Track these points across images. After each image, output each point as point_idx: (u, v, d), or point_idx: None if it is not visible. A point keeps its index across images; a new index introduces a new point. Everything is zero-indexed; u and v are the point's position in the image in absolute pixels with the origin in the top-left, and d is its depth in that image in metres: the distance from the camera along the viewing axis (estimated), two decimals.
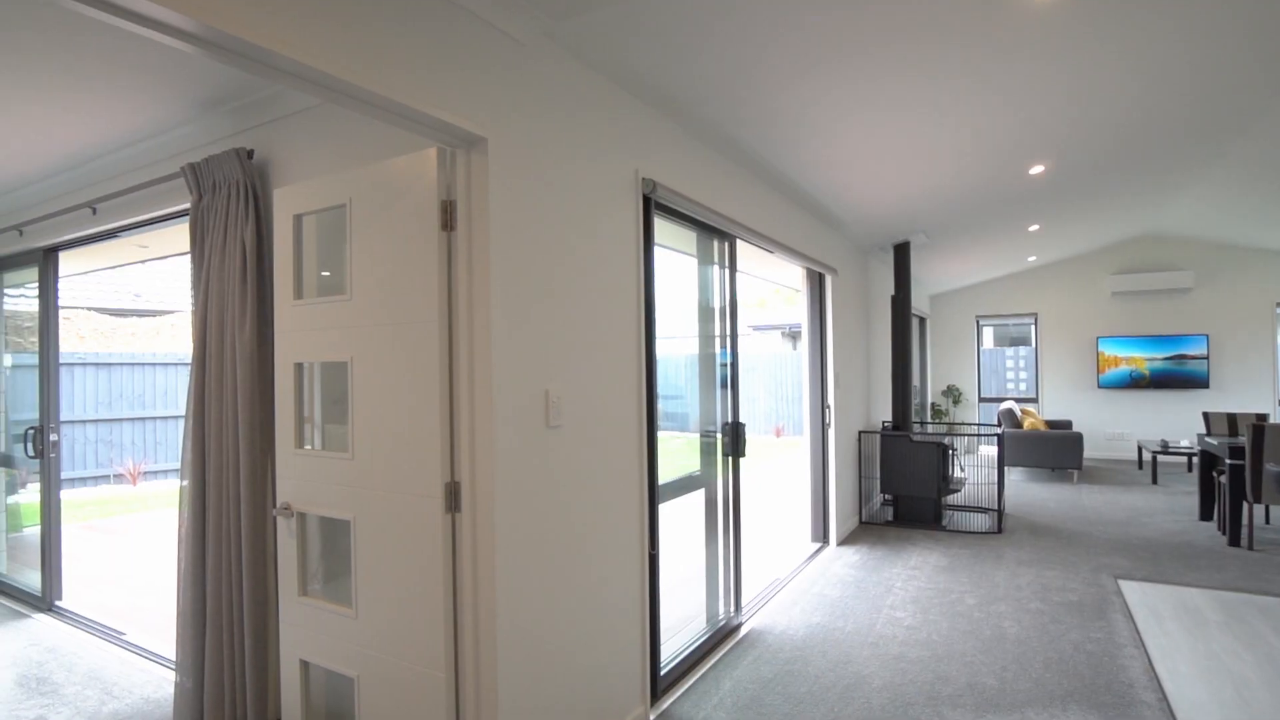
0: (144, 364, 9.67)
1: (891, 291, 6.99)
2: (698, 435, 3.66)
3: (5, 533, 4.98)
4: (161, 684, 3.22)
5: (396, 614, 2.21)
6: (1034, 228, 6.73)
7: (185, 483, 2.78)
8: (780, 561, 4.94)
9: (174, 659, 3.37)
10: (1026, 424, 8.23)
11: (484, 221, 2.07)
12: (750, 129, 3.29)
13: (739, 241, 3.83)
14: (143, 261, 4.97)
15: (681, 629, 3.51)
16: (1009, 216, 5.89)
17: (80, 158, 3.52)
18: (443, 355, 2.09)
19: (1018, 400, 10.05)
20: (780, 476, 9.42)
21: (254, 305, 2.65)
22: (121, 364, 9.50)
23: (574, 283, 2.44)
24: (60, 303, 4.46)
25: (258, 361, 2.64)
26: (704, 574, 3.69)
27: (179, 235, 3.86)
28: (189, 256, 2.94)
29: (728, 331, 3.73)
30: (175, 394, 9.86)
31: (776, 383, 14.39)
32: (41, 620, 4.08)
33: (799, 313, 5.64)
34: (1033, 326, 10.38)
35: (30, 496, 4.88)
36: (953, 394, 10.59)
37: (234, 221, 2.71)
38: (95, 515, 7.35)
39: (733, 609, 3.75)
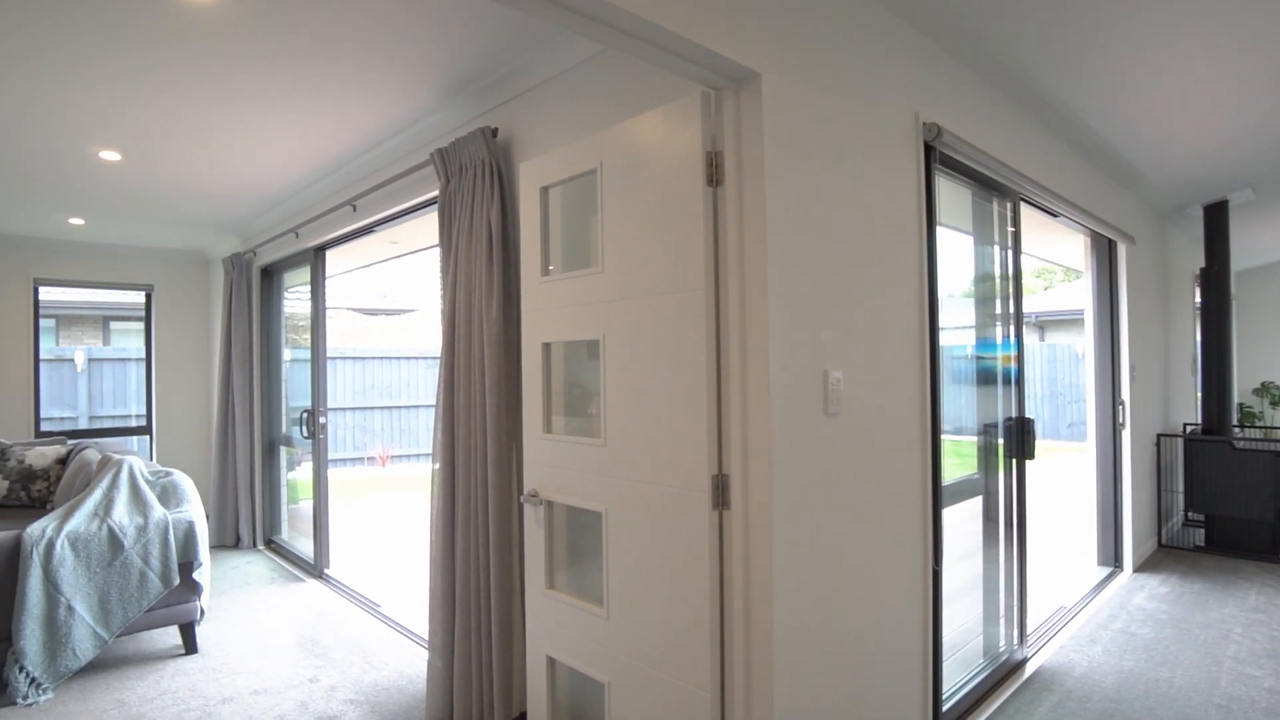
0: (391, 358, 10.76)
1: (1194, 264, 5.73)
2: (973, 434, 3.09)
3: (286, 504, 5.62)
4: (413, 659, 3.31)
5: (654, 619, 1.96)
6: None
7: (436, 466, 2.79)
8: (1063, 586, 4.15)
9: (424, 637, 3.48)
10: None
11: (758, 172, 1.75)
12: (1039, 56, 2.67)
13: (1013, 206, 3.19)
14: (393, 258, 5.34)
15: (949, 657, 2.96)
16: None
17: (342, 159, 3.76)
18: (709, 328, 1.81)
19: None
20: (1038, 485, 8.20)
21: (500, 285, 2.56)
22: (372, 358, 10.62)
23: (849, 246, 2.05)
24: (326, 302, 4.89)
25: (504, 343, 2.56)
26: (980, 595, 3.11)
27: (424, 229, 4.01)
28: (438, 248, 2.96)
29: (1010, 313, 3.12)
30: (417, 385, 10.86)
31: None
32: (313, 586, 4.47)
33: (1043, 300, 4.73)
34: None
35: (303, 474, 5.46)
36: (1270, 392, 8.59)
37: (480, 202, 2.65)
38: (351, 494, 8.21)
39: (1015, 640, 3.12)
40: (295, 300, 5.57)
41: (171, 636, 3.58)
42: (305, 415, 4.76)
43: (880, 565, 2.14)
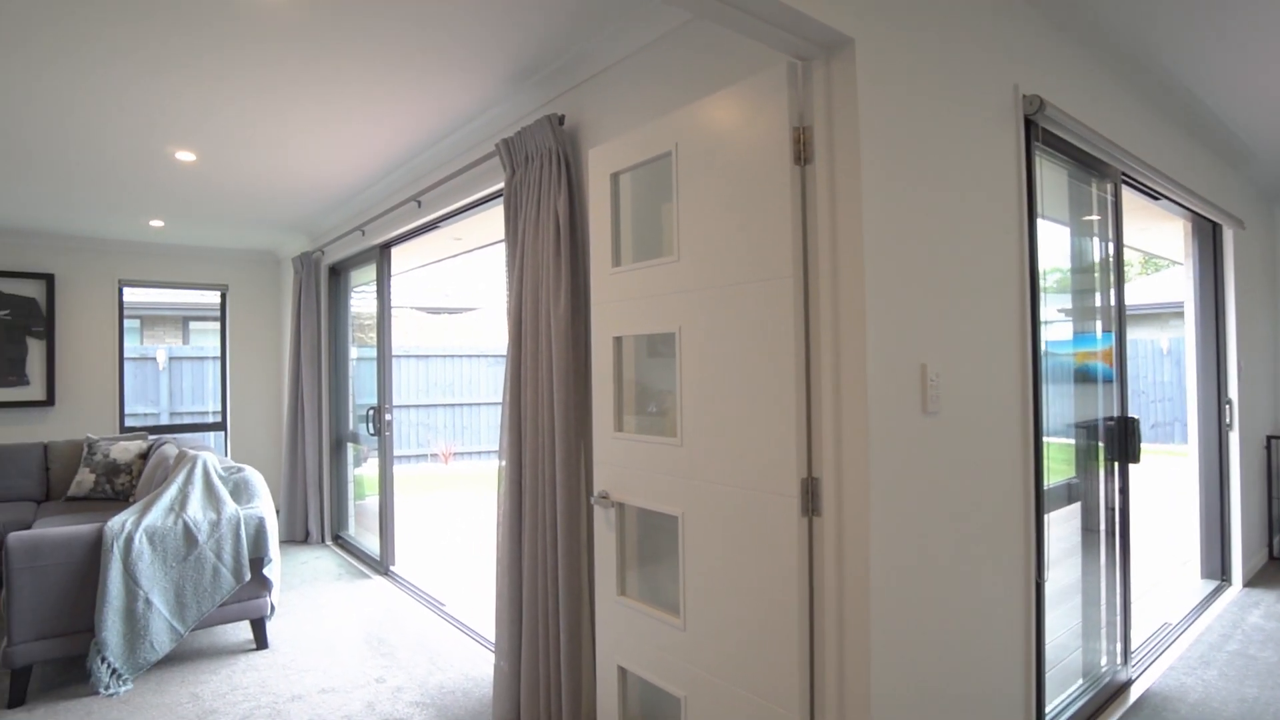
0: (454, 356, 10.90)
1: None
2: (1070, 434, 2.86)
3: (353, 500, 5.70)
4: (479, 661, 3.27)
5: (736, 632, 1.84)
6: None
7: (503, 464, 2.72)
8: (1164, 600, 3.84)
9: (489, 638, 3.43)
10: None
11: (852, 148, 1.61)
12: (1145, 19, 2.43)
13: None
14: (457, 255, 5.34)
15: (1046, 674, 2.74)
16: None
17: (407, 154, 3.74)
18: (797, 319, 1.67)
19: None
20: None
21: (568, 278, 2.48)
22: (435, 356, 10.78)
23: (945, 228, 1.88)
24: (391, 299, 4.91)
25: (572, 338, 2.47)
26: (1074, 607, 2.87)
27: (488, 224, 3.98)
28: (501, 243, 2.91)
29: (1110, 305, 2.87)
30: (479, 382, 11.00)
31: None
32: (379, 583, 4.50)
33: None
34: None
35: (368, 470, 5.52)
36: None
37: (547, 191, 2.57)
38: (415, 490, 8.31)
39: (1118, 659, 2.88)
40: (360, 298, 5.65)
41: (243, 631, 3.63)
42: (371, 412, 4.79)
43: (980, 578, 1.97)
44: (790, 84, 1.67)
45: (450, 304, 12.37)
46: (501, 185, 3.04)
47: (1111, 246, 2.90)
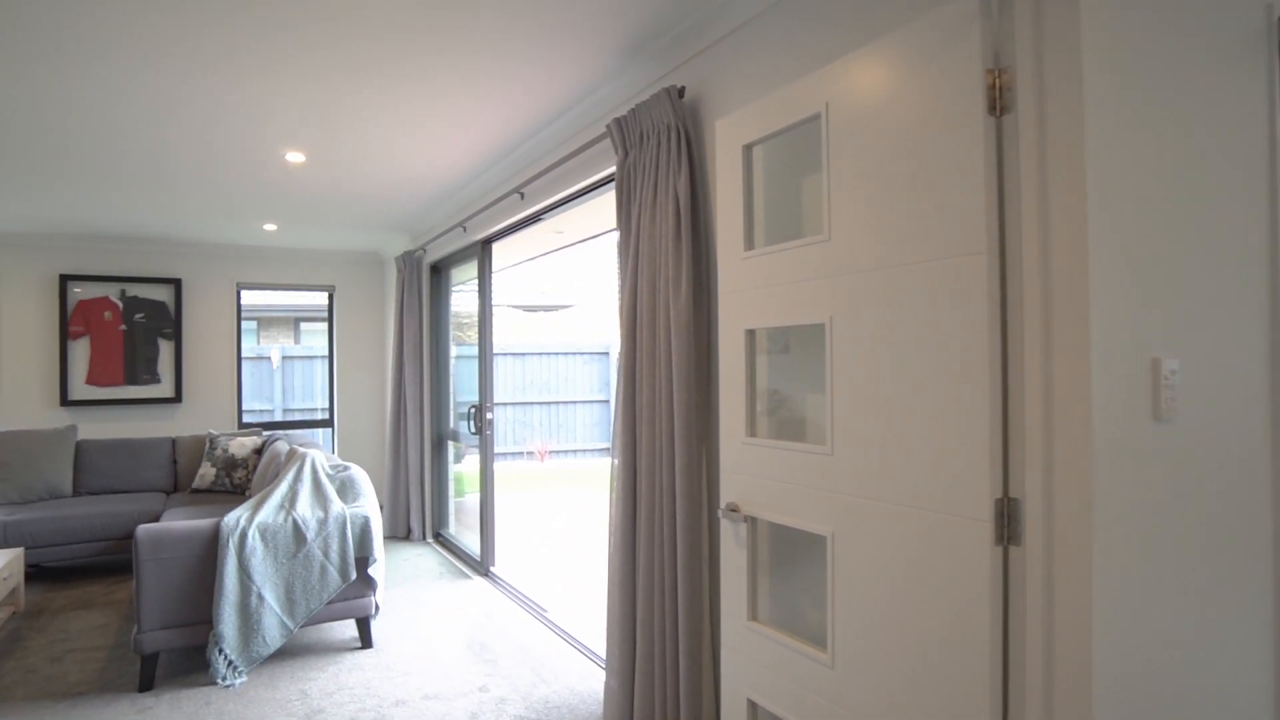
0: (550, 353, 10.92)
1: None
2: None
3: (453, 498, 5.69)
4: (584, 676, 3.09)
5: (901, 677, 1.55)
6: None
7: (616, 462, 2.52)
8: None
9: (593, 649, 3.25)
10: None
11: (1071, 92, 1.29)
12: None
13: None
14: (558, 249, 5.23)
15: None
16: None
17: (510, 145, 3.61)
18: (992, 304, 1.36)
19: None
20: None
21: (689, 266, 2.24)
22: (531, 354, 10.83)
23: (1177, 190, 1.52)
24: (493, 296, 4.83)
25: (694, 331, 2.23)
26: None
27: (593, 214, 3.80)
28: (604, 235, 2.71)
29: None
30: (576, 380, 10.99)
31: None
32: (479, 584, 4.41)
33: None
34: None
35: (465, 467, 5.49)
36: None
37: (665, 171, 2.35)
38: (511, 488, 8.32)
39: None
40: (459, 296, 5.63)
41: (349, 629, 3.60)
42: (472, 410, 4.73)
43: (1217, 626, 1.59)
44: (984, 16, 1.37)
45: (546, 301, 12.44)
46: (611, 170, 2.85)
47: None
